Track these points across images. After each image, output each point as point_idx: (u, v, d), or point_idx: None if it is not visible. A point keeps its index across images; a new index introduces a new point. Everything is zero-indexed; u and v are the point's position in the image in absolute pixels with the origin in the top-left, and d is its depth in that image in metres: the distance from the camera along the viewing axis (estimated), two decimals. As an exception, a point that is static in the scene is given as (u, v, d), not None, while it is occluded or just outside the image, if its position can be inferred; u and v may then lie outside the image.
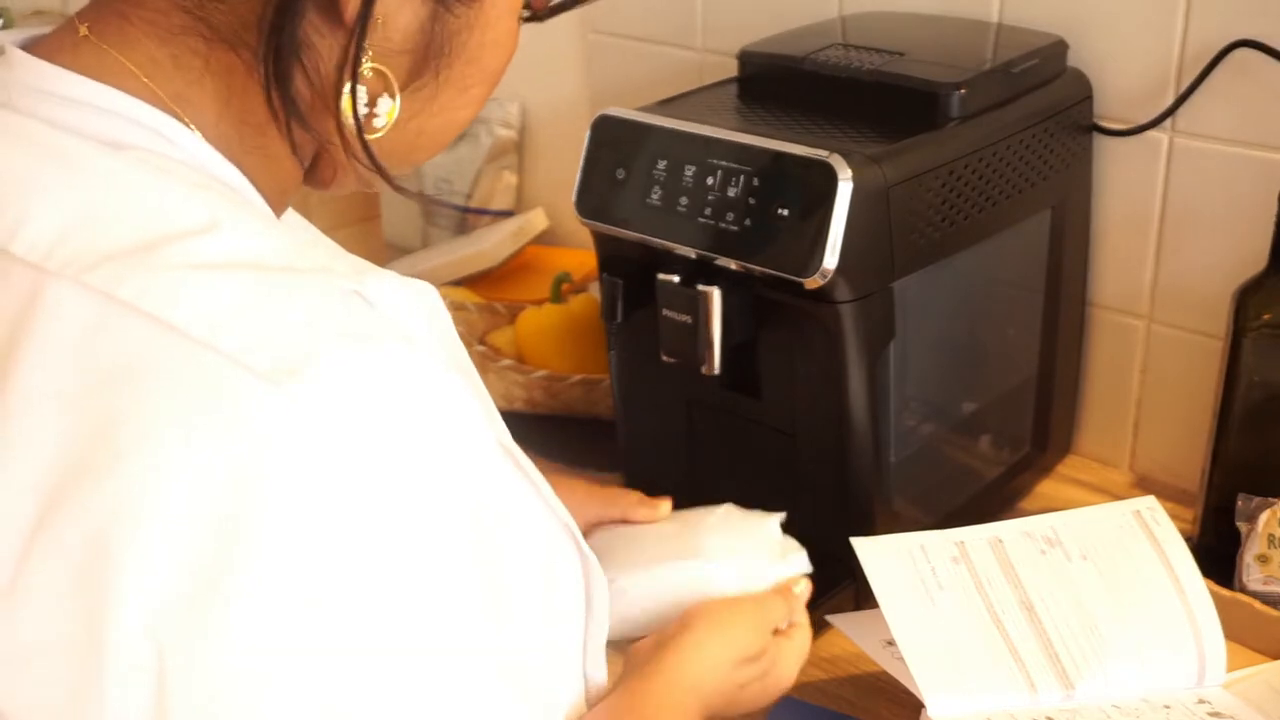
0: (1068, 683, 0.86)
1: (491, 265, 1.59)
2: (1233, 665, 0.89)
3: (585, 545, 0.68)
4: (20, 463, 0.49)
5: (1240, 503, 1.01)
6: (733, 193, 0.93)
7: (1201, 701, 0.87)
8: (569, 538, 0.66)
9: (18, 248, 0.52)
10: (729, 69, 1.12)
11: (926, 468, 1.10)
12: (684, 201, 0.95)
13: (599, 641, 0.70)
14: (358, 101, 0.58)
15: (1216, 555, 1.00)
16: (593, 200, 1.01)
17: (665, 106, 1.05)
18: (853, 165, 0.89)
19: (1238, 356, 1.00)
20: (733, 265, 0.94)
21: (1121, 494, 1.16)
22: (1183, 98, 1.09)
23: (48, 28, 0.59)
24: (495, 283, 1.59)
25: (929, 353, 1.06)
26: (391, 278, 0.55)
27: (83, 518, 0.48)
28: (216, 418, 0.48)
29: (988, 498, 1.15)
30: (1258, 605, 0.97)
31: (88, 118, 0.55)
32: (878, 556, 0.91)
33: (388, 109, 0.59)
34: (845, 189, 0.88)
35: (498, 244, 1.60)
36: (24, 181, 0.53)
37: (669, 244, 0.97)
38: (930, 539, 0.92)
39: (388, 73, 0.59)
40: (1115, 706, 0.85)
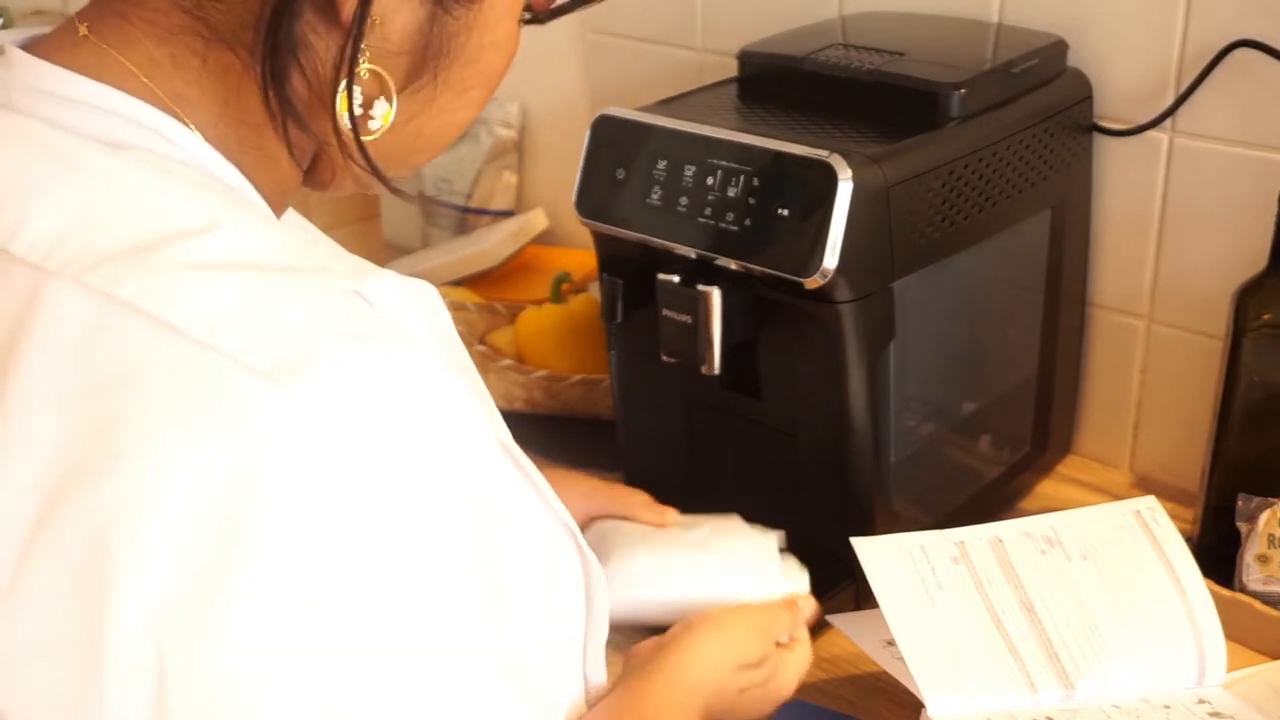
0: (1068, 683, 0.86)
1: (491, 265, 1.59)
2: (1233, 665, 0.89)
3: (586, 545, 0.67)
4: (20, 462, 0.49)
5: (1240, 503, 1.01)
6: (733, 193, 0.93)
7: (1201, 701, 0.87)
8: (569, 538, 0.66)
9: (18, 248, 0.52)
10: (729, 69, 1.12)
11: (926, 468, 1.10)
12: (684, 201, 0.95)
13: (599, 642, 0.70)
14: (353, 102, 0.58)
15: (1216, 555, 1.00)
16: (593, 200, 1.01)
17: (665, 106, 1.05)
18: (853, 165, 0.89)
19: (1238, 356, 1.00)
20: (733, 265, 0.93)
21: (1121, 494, 1.16)
22: (1183, 98, 1.09)
23: (48, 28, 0.59)
24: (495, 283, 1.59)
25: (929, 353, 1.06)
26: (391, 277, 0.55)
27: (83, 518, 0.48)
28: (216, 417, 0.48)
29: (988, 498, 1.15)
30: (1258, 605, 0.97)
31: (87, 118, 0.55)
32: (878, 556, 0.91)
33: (384, 112, 0.59)
34: (845, 189, 0.88)
35: (498, 244, 1.60)
36: (24, 181, 0.53)
37: (669, 244, 0.97)
38: (930, 539, 0.92)
39: (385, 75, 0.59)
40: (1115, 706, 0.86)
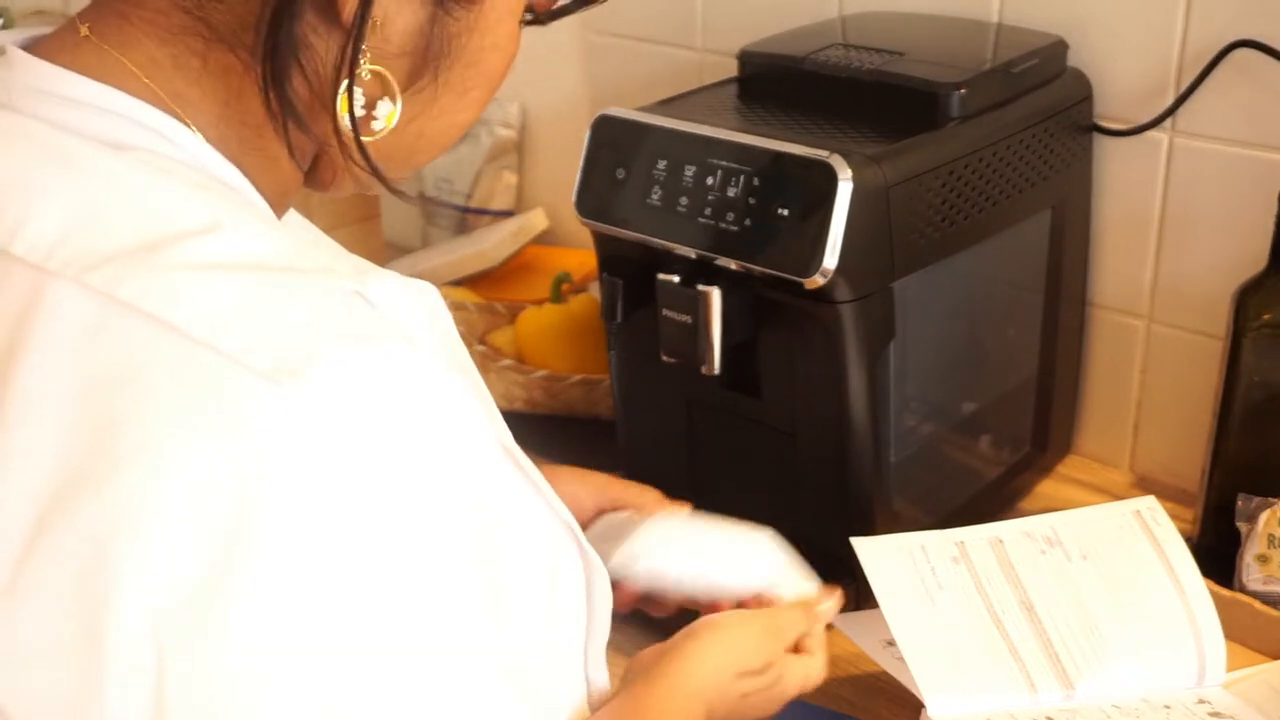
0: (1068, 683, 0.86)
1: (491, 265, 1.59)
2: (1233, 665, 0.89)
3: (588, 545, 0.67)
4: (21, 463, 0.49)
5: (1240, 503, 1.01)
6: (733, 193, 0.93)
7: (1201, 701, 0.87)
8: (571, 538, 0.66)
9: (18, 248, 0.52)
10: (729, 69, 1.12)
11: (926, 468, 1.10)
12: (684, 201, 0.95)
13: (600, 643, 0.70)
14: (354, 103, 0.58)
15: (1216, 555, 1.00)
16: (593, 200, 1.01)
17: (665, 106, 1.05)
18: (853, 165, 0.89)
19: (1238, 356, 1.00)
20: (733, 265, 0.93)
21: (1121, 494, 1.16)
22: (1183, 98, 1.09)
23: (48, 28, 0.59)
24: (495, 283, 1.59)
25: (929, 353, 1.06)
26: (393, 278, 0.55)
27: (84, 518, 0.48)
28: (217, 418, 0.48)
29: (988, 498, 1.15)
30: (1258, 605, 0.97)
31: (88, 118, 0.55)
32: (878, 556, 0.91)
33: (387, 112, 0.59)
34: (845, 189, 0.88)
35: (498, 244, 1.60)
36: (25, 182, 0.53)
37: (669, 244, 0.97)
38: (930, 539, 0.92)
39: (388, 75, 0.59)
40: (1115, 706, 0.86)
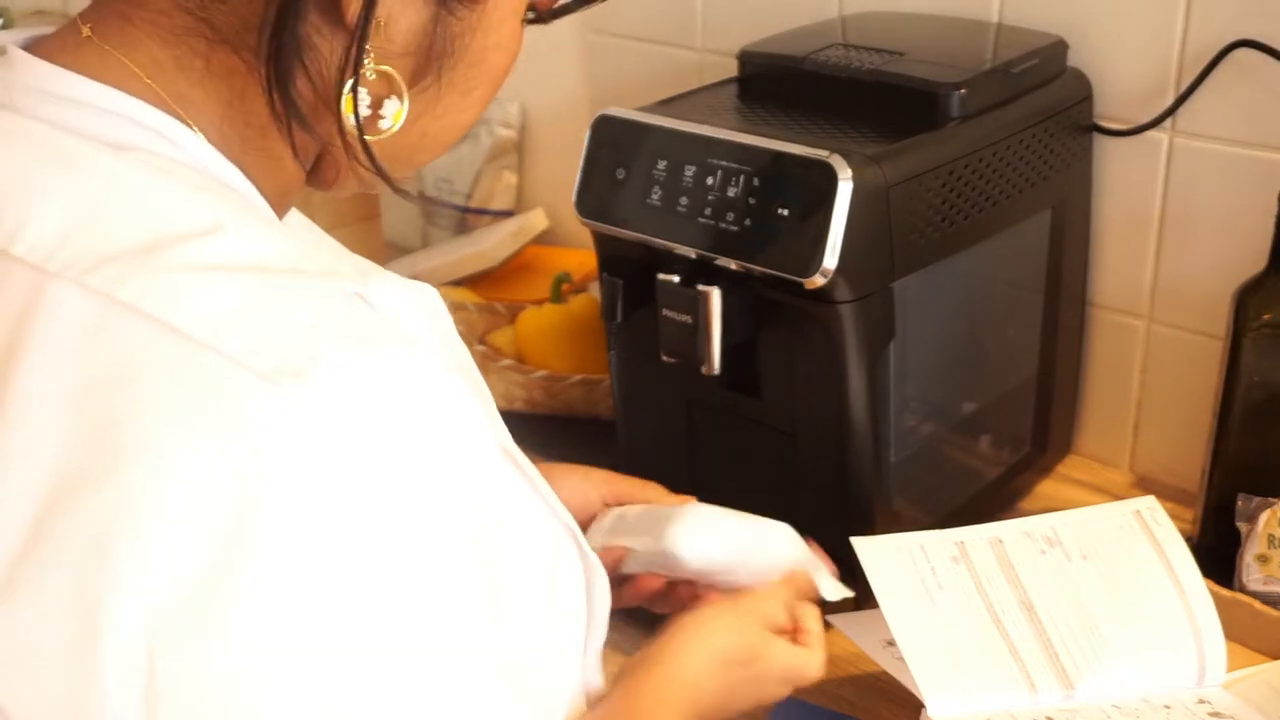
0: (1068, 683, 0.86)
1: (491, 265, 1.59)
2: (1233, 665, 0.89)
3: (588, 546, 0.68)
4: (21, 463, 0.49)
5: (1240, 503, 1.01)
6: (733, 193, 0.93)
7: (1201, 701, 0.87)
8: (571, 539, 0.66)
9: (19, 249, 0.52)
10: (729, 69, 1.12)
11: (926, 468, 1.10)
12: (684, 201, 0.95)
13: (597, 645, 0.70)
14: (359, 103, 0.58)
15: (1216, 555, 1.00)
16: (593, 200, 1.01)
17: (665, 106, 1.05)
18: (853, 165, 0.89)
19: (1238, 356, 1.00)
20: (733, 265, 0.93)
21: (1121, 494, 1.16)
22: (1183, 98, 1.09)
23: (49, 28, 0.59)
24: (495, 283, 1.59)
25: (929, 353, 1.06)
26: (393, 280, 0.55)
27: (83, 518, 0.48)
28: (217, 418, 0.48)
29: (988, 498, 1.15)
30: (1258, 605, 0.97)
31: (89, 119, 0.55)
32: (878, 556, 0.91)
33: (394, 111, 0.59)
34: (845, 189, 0.88)
35: (498, 244, 1.60)
36: (25, 183, 0.53)
37: (669, 244, 0.97)
38: (930, 539, 0.92)
39: (395, 74, 0.59)
40: (1115, 706, 0.86)
